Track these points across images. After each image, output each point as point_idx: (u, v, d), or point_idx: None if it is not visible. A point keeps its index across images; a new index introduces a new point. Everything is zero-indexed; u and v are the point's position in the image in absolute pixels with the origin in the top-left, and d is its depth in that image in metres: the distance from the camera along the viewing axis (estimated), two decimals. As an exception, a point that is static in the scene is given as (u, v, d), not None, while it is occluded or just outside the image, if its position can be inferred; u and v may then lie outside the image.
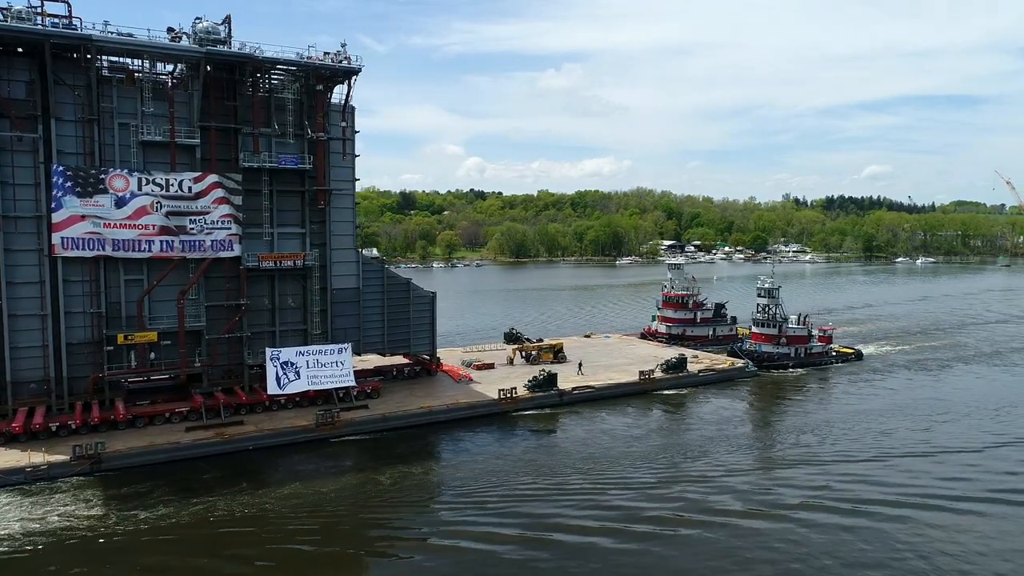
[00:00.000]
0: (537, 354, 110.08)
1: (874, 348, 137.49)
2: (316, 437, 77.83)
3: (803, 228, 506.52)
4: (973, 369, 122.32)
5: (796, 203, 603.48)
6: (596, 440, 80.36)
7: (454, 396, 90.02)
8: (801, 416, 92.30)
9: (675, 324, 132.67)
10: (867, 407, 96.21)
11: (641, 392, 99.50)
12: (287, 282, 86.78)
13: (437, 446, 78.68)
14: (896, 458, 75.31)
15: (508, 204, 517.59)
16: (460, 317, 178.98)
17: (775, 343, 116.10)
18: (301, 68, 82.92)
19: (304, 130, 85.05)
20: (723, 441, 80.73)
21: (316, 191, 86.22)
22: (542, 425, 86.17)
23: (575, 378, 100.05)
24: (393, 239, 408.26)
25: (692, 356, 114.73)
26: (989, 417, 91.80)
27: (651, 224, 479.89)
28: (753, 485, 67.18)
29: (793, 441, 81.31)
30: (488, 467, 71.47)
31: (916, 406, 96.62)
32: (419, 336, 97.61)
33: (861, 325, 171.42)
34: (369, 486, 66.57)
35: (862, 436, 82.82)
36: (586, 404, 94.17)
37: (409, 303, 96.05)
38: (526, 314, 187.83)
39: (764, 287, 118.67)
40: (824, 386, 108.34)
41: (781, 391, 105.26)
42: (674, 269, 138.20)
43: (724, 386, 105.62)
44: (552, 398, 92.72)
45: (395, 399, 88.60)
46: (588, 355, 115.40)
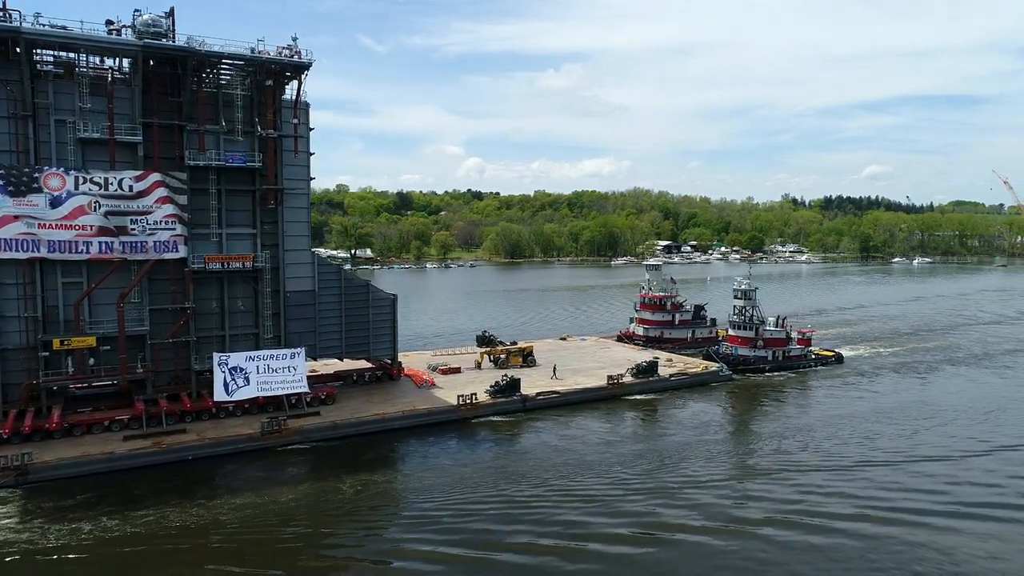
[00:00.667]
0: (506, 358, 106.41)
1: (862, 350, 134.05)
2: (261, 446, 74.29)
3: (800, 228, 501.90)
4: (962, 371, 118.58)
5: (794, 203, 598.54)
6: (559, 449, 76.73)
7: (412, 402, 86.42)
8: (778, 422, 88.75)
9: (652, 326, 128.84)
10: (849, 411, 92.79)
11: (610, 397, 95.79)
12: (237, 284, 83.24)
13: (389, 455, 75.09)
14: (878, 466, 72.06)
15: (505, 204, 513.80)
16: (441, 318, 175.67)
17: (751, 346, 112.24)
18: (249, 63, 79.26)
19: (254, 127, 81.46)
20: (694, 449, 77.19)
21: (267, 190, 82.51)
22: (502, 433, 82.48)
23: (541, 383, 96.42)
24: (388, 239, 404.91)
25: (666, 359, 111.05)
26: (977, 422, 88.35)
27: (648, 224, 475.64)
28: (726, 497, 63.84)
29: (769, 448, 77.99)
30: (442, 479, 67.92)
31: (901, 410, 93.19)
32: (379, 340, 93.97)
33: (852, 326, 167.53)
34: (313, 499, 63.06)
35: (844, 443, 79.64)
36: (551, 410, 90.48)
37: (368, 306, 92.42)
38: (510, 315, 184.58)
39: (740, 288, 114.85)
40: (802, 390, 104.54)
41: (756, 396, 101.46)
42: (652, 270, 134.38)
43: (697, 391, 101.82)
44: (515, 404, 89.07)
45: (351, 405, 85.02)
46: (561, 358, 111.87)
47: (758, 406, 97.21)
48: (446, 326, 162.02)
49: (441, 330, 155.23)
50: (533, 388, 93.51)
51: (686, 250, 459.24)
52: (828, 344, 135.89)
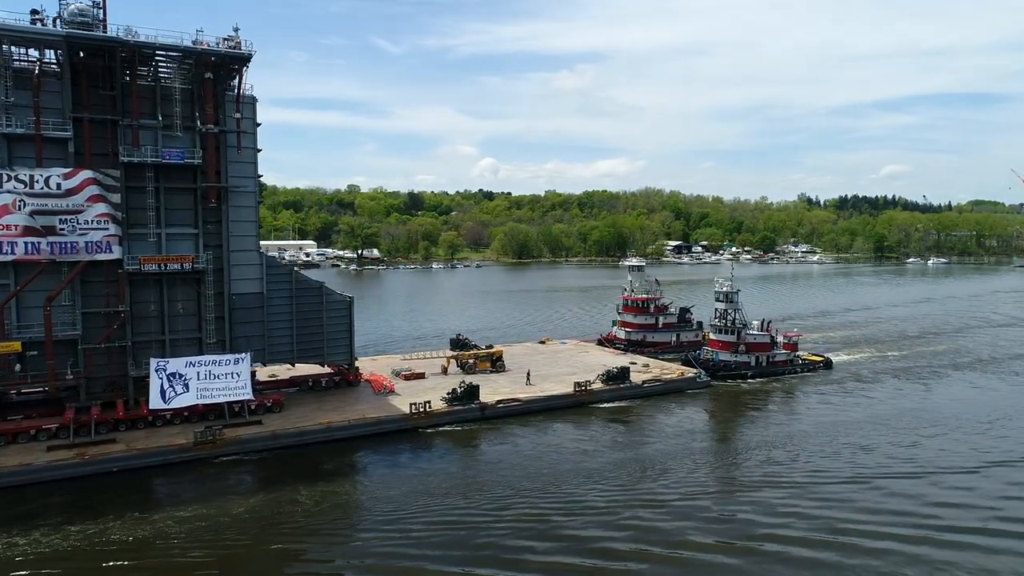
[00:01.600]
0: (474, 363, 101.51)
1: (866, 353, 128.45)
2: (194, 457, 69.86)
3: (813, 228, 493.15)
4: (967, 377, 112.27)
5: (808, 203, 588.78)
6: (517, 461, 71.41)
7: (363, 410, 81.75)
8: (759, 432, 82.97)
9: (635, 330, 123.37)
10: (841, 420, 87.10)
11: (576, 405, 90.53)
12: (178, 287, 78.92)
13: (328, 467, 69.99)
14: (874, 479, 66.84)
15: (515, 204, 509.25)
16: (433, 319, 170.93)
17: (733, 351, 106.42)
18: (186, 54, 75.02)
19: (195, 122, 77.18)
20: (665, 462, 71.81)
21: (208, 188, 78.15)
22: (457, 444, 77.55)
23: (506, 389, 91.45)
24: (396, 239, 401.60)
25: (643, 365, 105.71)
26: (982, 431, 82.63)
27: (658, 224, 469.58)
28: (703, 515, 58.73)
29: (748, 461, 72.34)
30: (384, 493, 63.26)
31: (899, 419, 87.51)
32: (334, 345, 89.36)
33: (856, 329, 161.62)
34: (235, 517, 58.30)
35: (834, 455, 74.11)
36: (512, 419, 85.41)
37: (322, 309, 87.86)
38: (505, 316, 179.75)
39: (722, 291, 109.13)
40: (787, 397, 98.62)
41: (736, 403, 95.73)
42: (634, 271, 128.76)
43: (672, 398, 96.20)
44: (472, 413, 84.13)
45: (299, 413, 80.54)
46: (536, 363, 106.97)
47: (737, 415, 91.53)
48: (435, 327, 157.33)
49: (428, 332, 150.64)
50: (496, 395, 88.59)
51: (697, 250, 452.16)
52: (828, 347, 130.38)
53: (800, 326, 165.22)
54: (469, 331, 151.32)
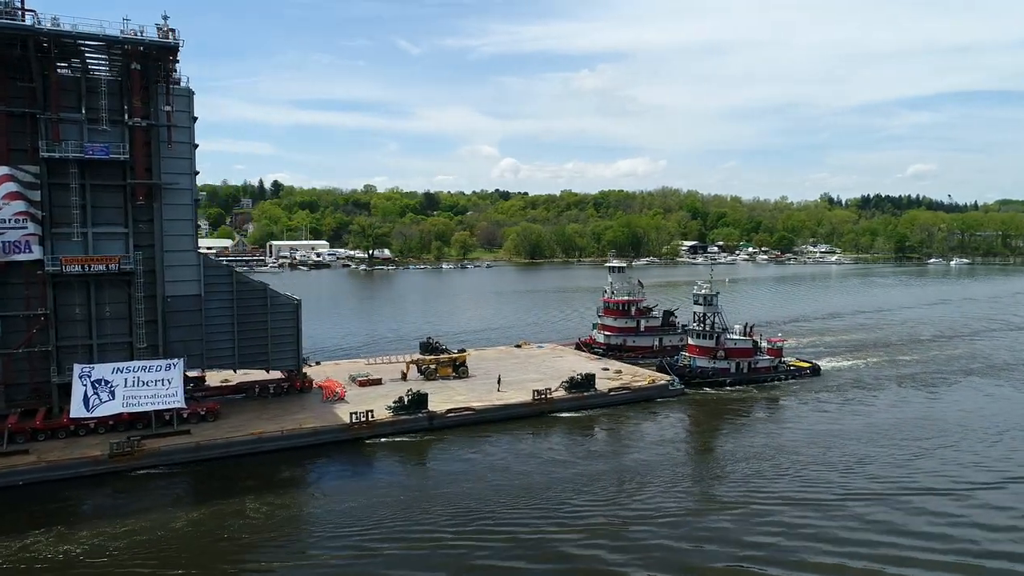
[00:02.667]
0: (435, 368, 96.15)
1: (867, 359, 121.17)
2: (109, 470, 65.31)
3: (833, 228, 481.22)
4: (978, 383, 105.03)
5: (830, 202, 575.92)
6: (466, 475, 65.87)
7: (302, 419, 76.75)
8: (733, 445, 76.74)
9: (615, 333, 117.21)
10: (834, 431, 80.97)
11: (535, 415, 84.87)
12: (106, 289, 74.52)
13: (249, 482, 64.93)
14: (866, 500, 60.57)
15: (530, 204, 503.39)
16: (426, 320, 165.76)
17: (711, 357, 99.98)
18: (112, 44, 70.52)
19: (123, 116, 72.79)
20: (621, 476, 66.07)
21: (136, 185, 73.67)
22: (398, 456, 72.19)
23: (460, 397, 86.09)
24: (409, 239, 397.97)
25: (615, 371, 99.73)
26: (988, 444, 76.10)
27: (674, 224, 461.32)
28: (674, 539, 53.16)
29: (724, 477, 66.30)
30: (335, 507, 58.69)
31: (899, 430, 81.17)
32: (280, 349, 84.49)
33: (865, 331, 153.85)
34: (176, 531, 53.94)
35: (825, 469, 68.06)
36: (463, 429, 79.94)
37: (267, 312, 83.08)
38: (497, 318, 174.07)
39: (701, 293, 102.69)
40: (769, 406, 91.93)
41: (712, 413, 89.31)
42: (615, 272, 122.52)
43: (641, 407, 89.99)
44: (420, 423, 78.79)
45: (235, 422, 75.76)
46: (506, 368, 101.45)
47: (711, 426, 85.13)
48: (420, 330, 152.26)
49: (410, 333, 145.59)
50: (449, 403, 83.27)
51: (712, 250, 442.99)
52: (830, 352, 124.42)
53: (806, 328, 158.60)
54: (459, 333, 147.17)
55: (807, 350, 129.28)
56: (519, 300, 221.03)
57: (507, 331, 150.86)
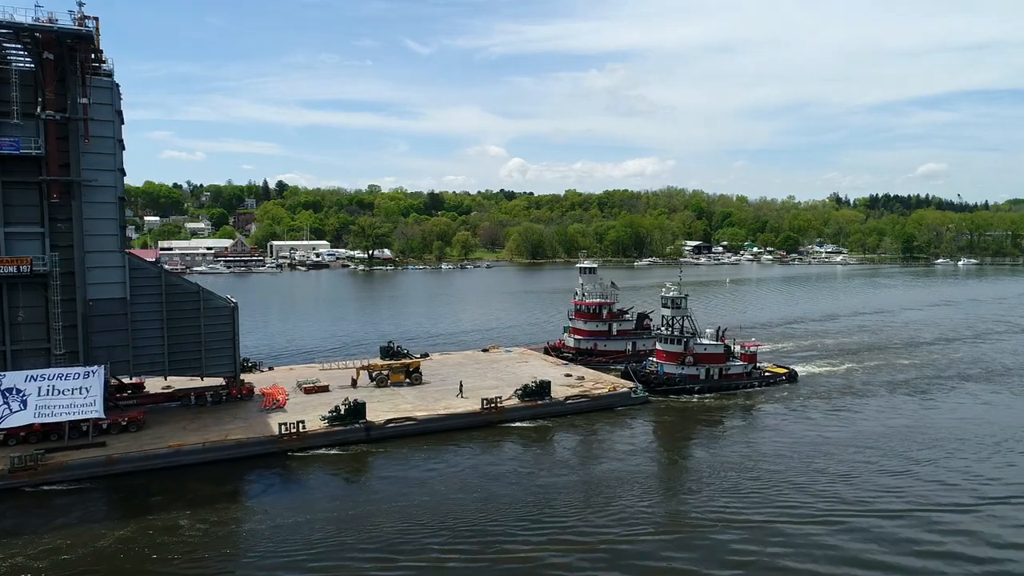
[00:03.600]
0: (386, 374, 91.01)
1: (858, 364, 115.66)
2: (9, 486, 60.50)
3: (840, 228, 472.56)
4: (977, 390, 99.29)
5: (838, 202, 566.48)
6: (393, 495, 60.35)
7: (229, 431, 71.78)
8: (695, 458, 71.71)
9: (585, 337, 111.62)
10: (816, 440, 75.72)
11: (483, 425, 79.56)
12: (20, 292, 69.75)
13: (163, 498, 59.91)
14: (854, 519, 55.50)
15: (534, 204, 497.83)
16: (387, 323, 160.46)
17: (680, 363, 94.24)
18: (20, 32, 65.86)
19: (37, 109, 68.15)
20: (570, 494, 60.54)
21: (51, 182, 68.98)
22: (330, 471, 66.91)
23: (407, 407, 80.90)
24: (410, 240, 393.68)
25: (577, 377, 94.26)
26: (984, 457, 70.61)
27: (679, 224, 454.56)
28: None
29: (683, 495, 60.31)
30: (243, 530, 53.91)
31: (888, 440, 75.84)
32: (215, 355, 79.61)
33: (863, 334, 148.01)
34: (100, 550, 49.27)
35: (806, 483, 62.92)
36: (404, 441, 74.68)
37: (200, 316, 78.23)
38: (473, 320, 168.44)
39: (669, 295, 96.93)
40: (740, 415, 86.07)
41: (675, 423, 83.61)
42: (586, 274, 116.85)
43: (600, 416, 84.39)
44: (356, 434, 73.63)
45: (158, 433, 70.84)
46: (466, 374, 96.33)
47: (673, 437, 79.57)
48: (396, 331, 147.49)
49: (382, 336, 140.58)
50: (392, 412, 78.17)
51: (717, 251, 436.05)
52: (822, 355, 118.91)
53: (801, 331, 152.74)
54: (435, 335, 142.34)
55: (799, 354, 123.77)
56: (508, 301, 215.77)
57: (486, 333, 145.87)
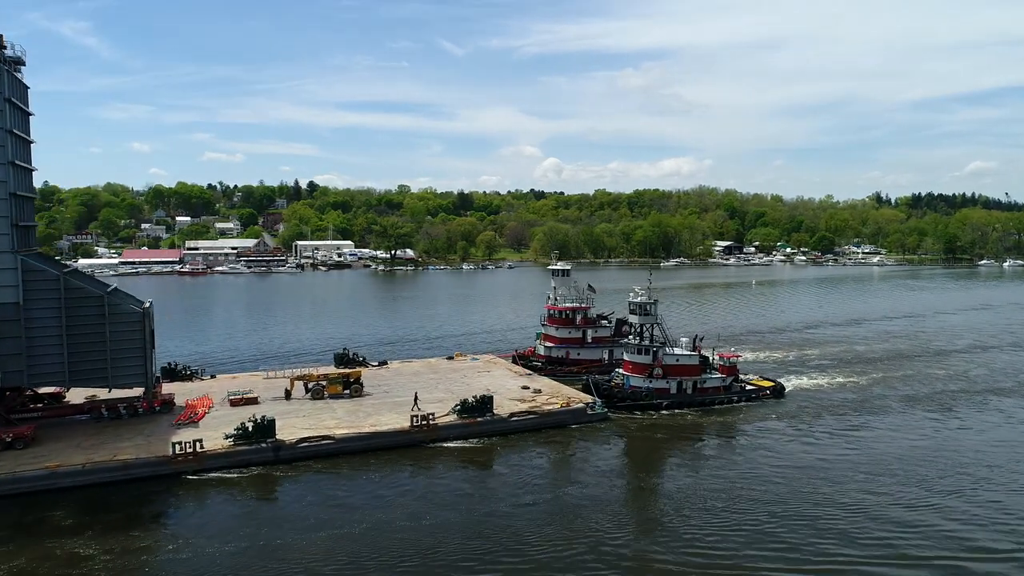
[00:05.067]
0: (323, 386, 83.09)
1: (901, 371, 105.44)
2: None
3: (879, 228, 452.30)
4: (1008, 407, 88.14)
5: (878, 201, 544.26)
6: (294, 530, 52.47)
7: (121, 450, 64.56)
8: (649, 486, 62.37)
9: (557, 345, 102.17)
10: (806, 464, 66.15)
11: (413, 444, 71.02)
12: (-102, 296, 63.78)
13: (19, 522, 53.19)
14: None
15: (563, 204, 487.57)
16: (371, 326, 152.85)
17: (647, 375, 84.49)
18: None
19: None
20: (499, 531, 52.07)
21: (-72, 177, 62.69)
22: (222, 497, 59.23)
23: (329, 423, 72.83)
24: (435, 240, 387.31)
25: (534, 390, 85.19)
26: (1018, 489, 60.64)
27: (710, 224, 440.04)
28: None
29: (625, 539, 50.75)
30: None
31: (899, 465, 66.47)
32: (123, 365, 72.49)
33: (879, 342, 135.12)
34: None
35: (795, 521, 53.80)
36: (319, 463, 66.64)
37: (105, 323, 71.25)
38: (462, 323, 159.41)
39: (636, 301, 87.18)
40: (710, 436, 76.12)
41: (633, 446, 73.91)
42: (559, 276, 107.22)
43: (549, 436, 75.08)
44: (263, 454, 65.77)
45: (47, 451, 64.05)
46: (421, 385, 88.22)
47: (626, 461, 70.01)
48: (379, 334, 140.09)
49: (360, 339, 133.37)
50: (312, 429, 70.22)
51: (749, 251, 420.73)
52: (839, 364, 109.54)
53: (816, 337, 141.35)
54: (415, 340, 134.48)
55: (813, 363, 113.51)
56: (516, 302, 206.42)
57: (470, 337, 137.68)
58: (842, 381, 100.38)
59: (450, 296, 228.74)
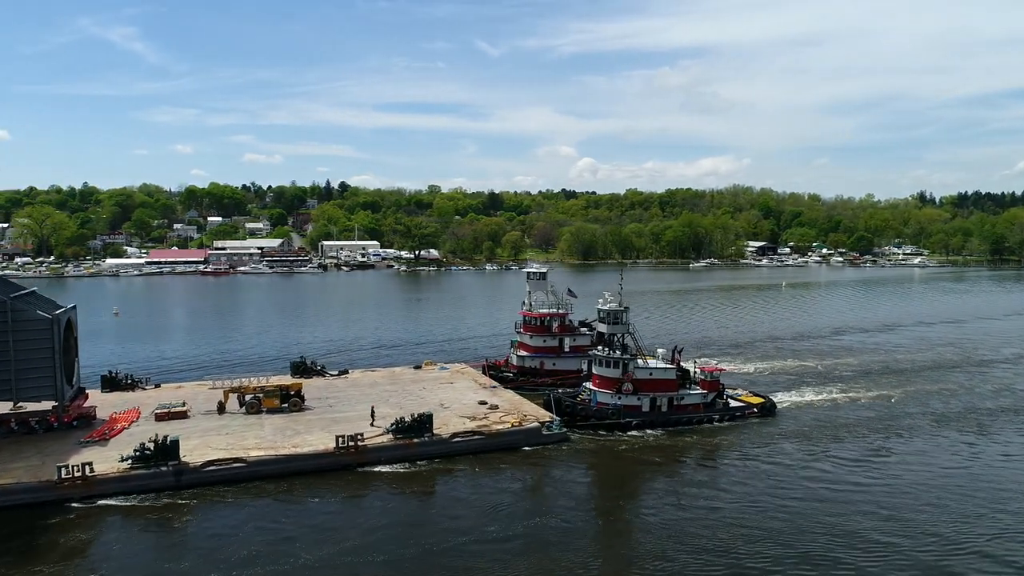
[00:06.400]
0: (258, 399, 75.89)
1: (929, 385, 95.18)
2: None
3: (921, 228, 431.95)
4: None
5: (922, 200, 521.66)
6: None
7: (6, 471, 58.14)
8: (605, 524, 53.64)
9: (532, 354, 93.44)
10: (799, 495, 56.64)
11: (339, 468, 63.30)
12: None
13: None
14: None
15: (593, 204, 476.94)
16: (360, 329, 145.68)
17: (616, 390, 75.51)
18: None
19: None
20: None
21: None
22: (117, 527, 52.65)
23: (247, 443, 65.45)
24: (461, 240, 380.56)
25: (491, 406, 76.89)
26: None
27: (744, 224, 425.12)
28: None
29: None
30: None
31: (930, 491, 58.35)
32: (30, 377, 66.26)
33: (904, 353, 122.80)
34: None
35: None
36: (228, 488, 59.47)
37: (8, 332, 65.01)
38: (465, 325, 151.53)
39: (605, 308, 78.21)
40: (683, 461, 66.93)
41: (597, 471, 65.52)
42: (534, 279, 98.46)
43: (498, 460, 66.58)
44: (163, 479, 58.75)
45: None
46: (377, 397, 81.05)
47: (589, 491, 61.75)
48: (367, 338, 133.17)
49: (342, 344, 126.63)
50: (222, 450, 63.02)
51: (783, 252, 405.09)
52: (861, 375, 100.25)
53: (846, 343, 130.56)
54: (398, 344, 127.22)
55: (833, 374, 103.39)
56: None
57: (458, 343, 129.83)
58: (863, 395, 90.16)
59: (460, 298, 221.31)
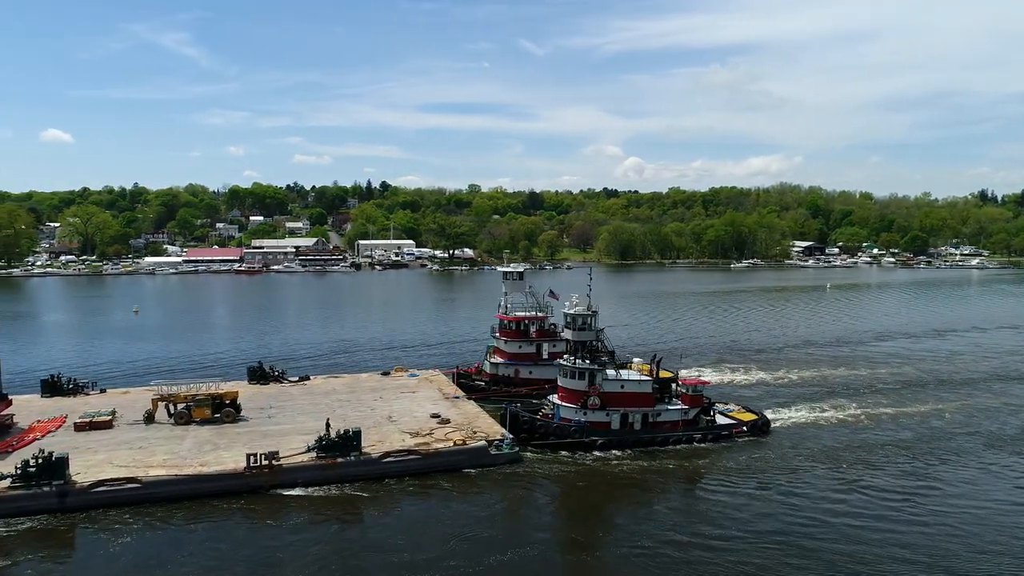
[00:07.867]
0: (188, 409, 68.99)
1: (982, 399, 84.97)
2: None
3: (981, 227, 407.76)
4: None
5: (983, 198, 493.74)
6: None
7: None
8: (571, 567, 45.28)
9: (507, 361, 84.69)
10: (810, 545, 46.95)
11: (247, 491, 55.87)
12: None
13: None
14: None
15: (634, 203, 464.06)
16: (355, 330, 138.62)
17: (581, 405, 66.33)
18: None
19: None
20: None
21: None
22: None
23: (154, 459, 58.55)
24: (497, 239, 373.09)
25: (442, 420, 68.52)
26: None
27: (790, 223, 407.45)
28: None
29: None
30: None
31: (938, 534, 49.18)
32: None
33: (951, 362, 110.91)
34: None
35: None
36: (120, 512, 52.61)
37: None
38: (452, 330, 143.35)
39: (572, 312, 69.04)
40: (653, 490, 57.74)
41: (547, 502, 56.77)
42: (510, 280, 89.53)
43: (437, 483, 58.35)
44: (44, 500, 52.14)
45: None
46: (329, 406, 74.07)
47: (540, 522, 53.12)
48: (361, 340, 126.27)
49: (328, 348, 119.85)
50: (121, 469, 56.14)
51: (832, 252, 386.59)
52: (906, 386, 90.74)
53: (887, 350, 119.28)
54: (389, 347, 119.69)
55: (861, 384, 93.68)
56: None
57: (456, 345, 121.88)
58: (883, 412, 79.72)
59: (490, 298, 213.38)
